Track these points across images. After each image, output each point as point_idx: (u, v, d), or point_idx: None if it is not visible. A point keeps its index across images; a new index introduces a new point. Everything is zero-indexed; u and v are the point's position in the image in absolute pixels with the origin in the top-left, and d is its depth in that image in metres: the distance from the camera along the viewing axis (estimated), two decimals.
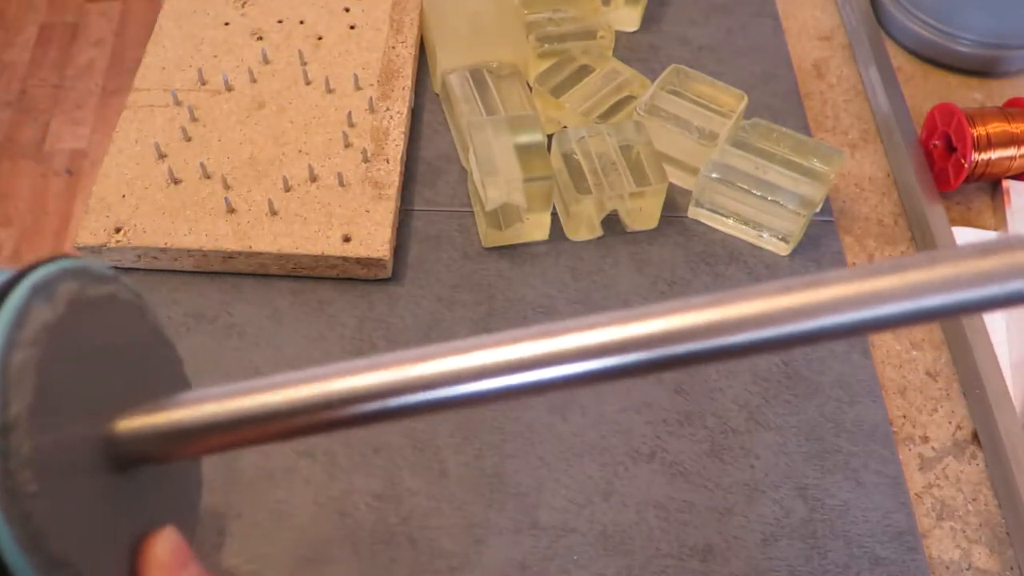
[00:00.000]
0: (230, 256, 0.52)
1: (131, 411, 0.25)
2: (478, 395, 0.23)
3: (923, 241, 0.58)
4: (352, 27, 0.63)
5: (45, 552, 0.22)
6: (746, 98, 0.58)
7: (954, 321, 0.53)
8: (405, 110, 0.58)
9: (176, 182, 0.54)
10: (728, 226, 0.57)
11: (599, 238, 0.57)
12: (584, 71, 0.60)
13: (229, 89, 0.59)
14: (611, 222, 0.56)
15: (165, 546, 0.26)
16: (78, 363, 0.24)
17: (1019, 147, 0.58)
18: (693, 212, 0.58)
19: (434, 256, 0.55)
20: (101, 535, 0.24)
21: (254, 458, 0.47)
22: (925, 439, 0.51)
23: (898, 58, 0.69)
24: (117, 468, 0.25)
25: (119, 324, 0.27)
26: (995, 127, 0.58)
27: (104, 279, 0.26)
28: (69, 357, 0.24)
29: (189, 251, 0.52)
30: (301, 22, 0.63)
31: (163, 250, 0.52)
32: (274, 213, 0.53)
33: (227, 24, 0.63)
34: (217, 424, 0.25)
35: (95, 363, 0.25)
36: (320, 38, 0.62)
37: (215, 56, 0.60)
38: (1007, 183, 0.60)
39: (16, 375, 0.22)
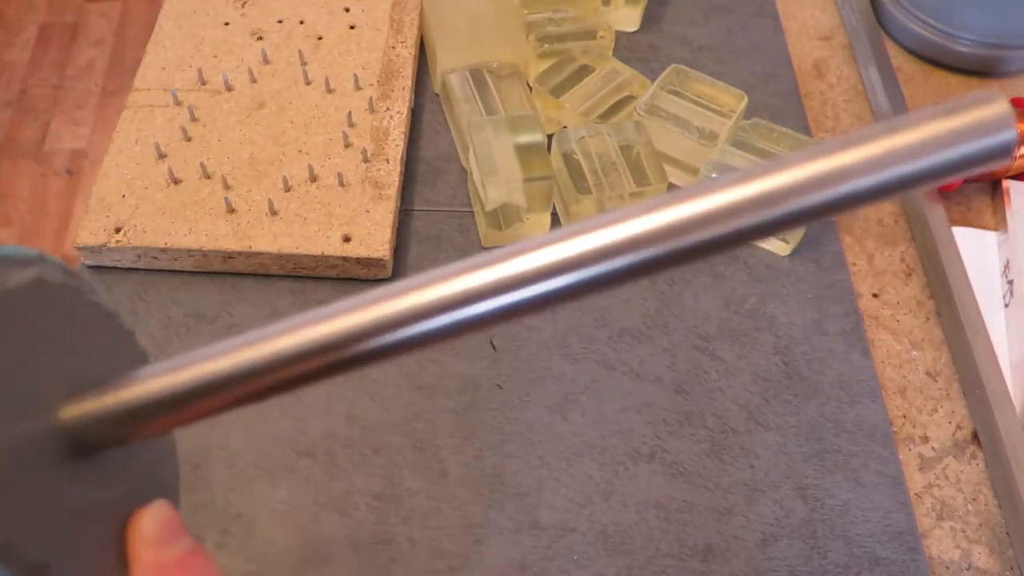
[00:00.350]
0: (230, 256, 0.52)
1: (80, 396, 0.24)
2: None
3: (923, 241, 0.58)
4: (352, 27, 0.63)
5: (22, 561, 0.21)
6: (746, 98, 0.58)
7: (954, 321, 0.53)
8: (405, 110, 0.58)
9: (176, 182, 0.54)
10: None
11: None
12: (584, 71, 0.60)
13: (229, 89, 0.59)
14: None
15: (153, 521, 0.25)
16: (9, 356, 0.23)
17: (1019, 147, 0.58)
18: None
19: (434, 256, 0.55)
20: (79, 527, 0.23)
21: (254, 458, 0.47)
22: (925, 439, 0.51)
23: (898, 58, 0.69)
24: (81, 455, 0.24)
25: (54, 308, 0.25)
26: None
27: (26, 262, 0.24)
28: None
29: (189, 251, 0.52)
30: (301, 22, 0.63)
31: (163, 250, 0.52)
32: (274, 213, 0.53)
33: (227, 24, 0.63)
34: (173, 397, 0.23)
35: (30, 353, 0.23)
36: (320, 38, 0.62)
37: (215, 56, 0.60)
38: (1007, 183, 0.60)
39: None
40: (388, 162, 0.56)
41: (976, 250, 0.58)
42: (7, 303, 0.23)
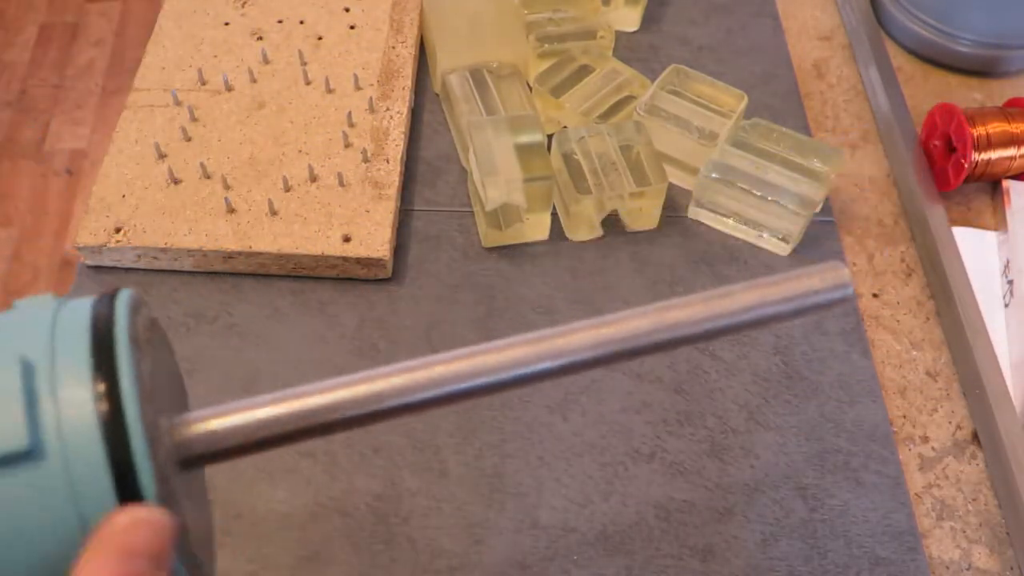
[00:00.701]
0: (230, 256, 0.52)
1: (183, 418, 0.27)
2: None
3: (923, 241, 0.58)
4: (352, 27, 0.63)
5: (187, 553, 0.25)
6: (746, 98, 0.58)
7: (954, 321, 0.53)
8: (405, 110, 0.58)
9: (176, 182, 0.54)
10: (728, 226, 0.57)
11: (599, 238, 0.57)
12: (584, 71, 0.60)
13: (229, 89, 0.59)
14: (611, 222, 0.56)
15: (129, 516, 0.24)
16: (156, 368, 0.26)
17: (1019, 147, 0.58)
18: (693, 212, 0.58)
19: (434, 256, 0.55)
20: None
21: (254, 458, 0.47)
22: (925, 439, 0.51)
23: (898, 58, 0.69)
24: (181, 466, 0.27)
25: (160, 344, 0.29)
26: (995, 127, 0.58)
27: (138, 305, 0.28)
28: (154, 362, 0.26)
29: (189, 251, 0.52)
30: (301, 22, 0.63)
31: (163, 250, 0.52)
32: (274, 213, 0.53)
33: (227, 24, 0.63)
34: (266, 427, 0.27)
35: (160, 373, 0.27)
36: (320, 38, 0.62)
37: (215, 56, 0.60)
38: (1007, 183, 0.60)
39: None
40: (388, 162, 0.56)
41: (976, 250, 0.58)
42: (147, 338, 0.26)
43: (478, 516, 0.46)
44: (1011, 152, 0.59)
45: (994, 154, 0.58)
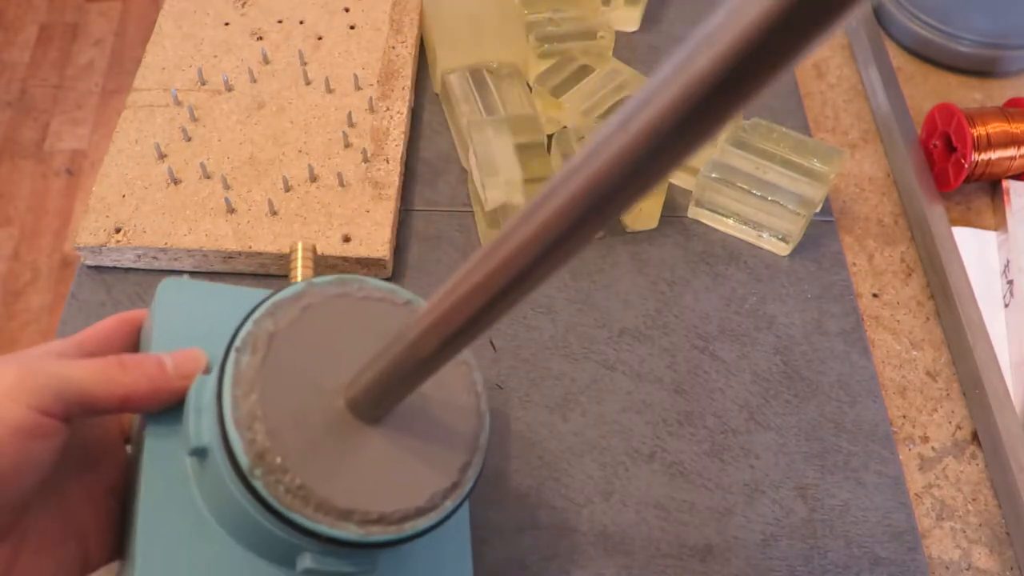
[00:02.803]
0: (230, 256, 0.52)
1: (352, 380, 0.31)
2: None
3: (923, 241, 0.58)
4: (352, 27, 0.63)
5: (355, 515, 0.30)
6: None
7: (954, 321, 0.53)
8: (405, 110, 0.58)
9: (176, 182, 0.54)
10: (728, 226, 0.57)
11: (599, 238, 0.57)
12: (584, 71, 0.60)
13: (229, 89, 0.59)
14: (611, 222, 0.56)
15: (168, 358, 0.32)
16: (304, 363, 0.31)
17: (1019, 147, 0.58)
18: (693, 212, 0.58)
19: (434, 256, 0.55)
20: (369, 479, 0.31)
21: None
22: (925, 439, 0.51)
23: (898, 58, 0.69)
24: (368, 423, 0.31)
25: (326, 319, 0.33)
26: (995, 127, 0.58)
27: (297, 297, 0.33)
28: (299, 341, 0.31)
29: (189, 251, 0.52)
30: (301, 22, 0.63)
31: (163, 250, 0.52)
32: (274, 213, 0.53)
33: (227, 24, 0.63)
34: (381, 382, 0.30)
35: (317, 357, 0.32)
36: (320, 38, 0.62)
37: (215, 56, 0.60)
38: (1007, 183, 0.60)
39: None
40: (388, 162, 0.56)
41: (976, 250, 0.58)
42: (285, 335, 0.31)
43: (478, 516, 0.46)
44: (1011, 152, 0.59)
45: (994, 154, 0.58)
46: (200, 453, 0.31)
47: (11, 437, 0.27)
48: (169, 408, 0.32)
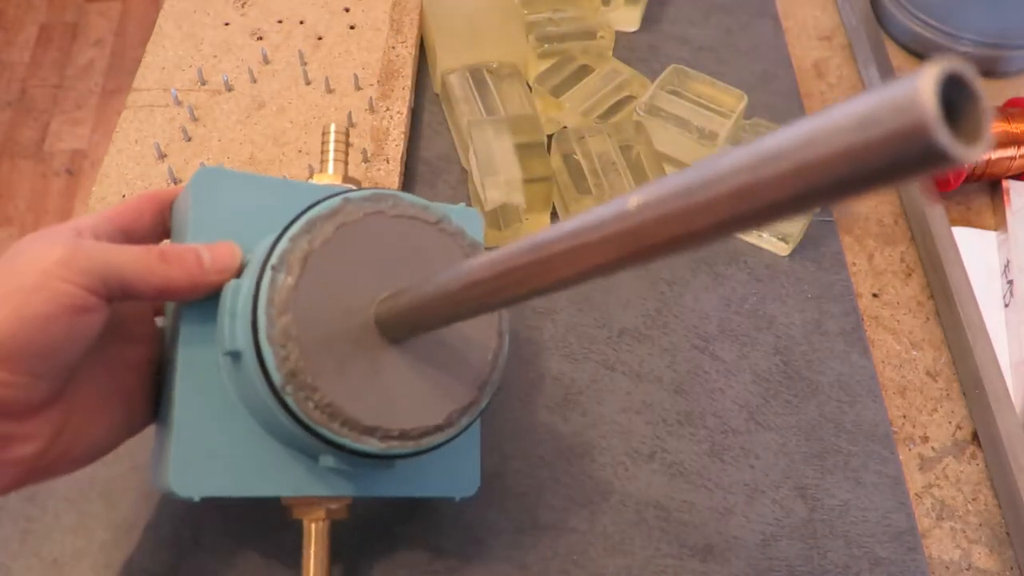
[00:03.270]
0: None
1: (384, 299, 0.33)
2: None
3: (923, 241, 0.58)
4: (352, 27, 0.63)
5: (359, 425, 0.32)
6: (746, 98, 0.58)
7: (954, 321, 0.53)
8: (405, 110, 0.58)
9: (176, 182, 0.54)
10: None
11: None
12: (584, 71, 0.60)
13: (229, 89, 0.59)
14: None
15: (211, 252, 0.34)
16: (334, 281, 0.33)
17: (1019, 147, 0.58)
18: None
19: None
20: (392, 397, 0.33)
21: None
22: (925, 439, 0.51)
23: (898, 58, 0.69)
24: (392, 342, 0.33)
25: (361, 237, 0.34)
26: (995, 127, 0.58)
27: (331, 214, 0.34)
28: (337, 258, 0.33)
29: None
30: (301, 22, 0.63)
31: None
32: None
33: (227, 24, 0.63)
34: (413, 308, 0.31)
35: (350, 274, 0.33)
36: (320, 38, 0.62)
37: (215, 56, 0.60)
38: (1007, 183, 0.60)
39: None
40: (388, 162, 0.56)
41: (976, 250, 0.58)
42: (319, 255, 0.33)
43: (478, 516, 0.46)
44: (1011, 152, 0.59)
45: (994, 154, 0.58)
46: (234, 355, 0.33)
47: (62, 311, 0.29)
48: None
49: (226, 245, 0.34)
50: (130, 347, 0.36)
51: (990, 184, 0.62)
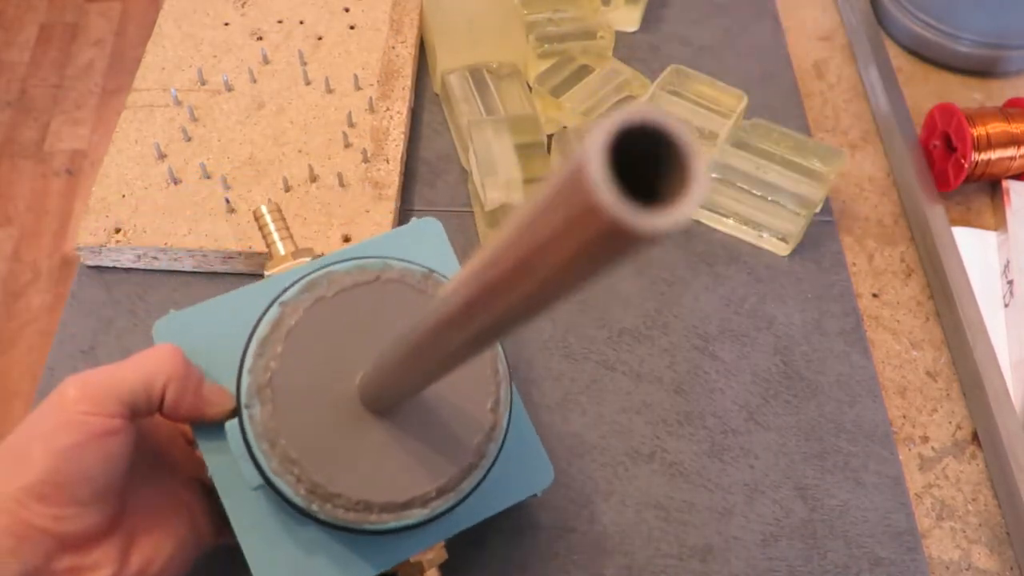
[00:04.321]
0: (230, 256, 0.52)
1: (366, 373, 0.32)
2: None
3: (923, 241, 0.58)
4: (352, 27, 0.63)
5: (342, 498, 0.32)
6: (746, 98, 0.58)
7: (954, 321, 0.53)
8: (405, 110, 0.58)
9: (176, 182, 0.54)
10: (728, 226, 0.57)
11: None
12: (584, 71, 0.60)
13: (229, 89, 0.59)
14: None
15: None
16: (337, 330, 0.33)
17: (1019, 147, 0.58)
18: (693, 212, 0.58)
19: None
20: (378, 467, 0.33)
21: None
22: (925, 439, 0.51)
23: (898, 58, 0.69)
24: (377, 414, 0.33)
25: (345, 308, 0.34)
26: (995, 127, 0.58)
27: (311, 286, 0.34)
28: (314, 335, 0.33)
29: (189, 251, 0.52)
30: (301, 22, 0.63)
31: (163, 250, 0.52)
32: None
33: (227, 24, 0.63)
34: (375, 379, 0.31)
35: (361, 333, 0.34)
36: (320, 38, 0.62)
37: (215, 56, 0.60)
38: (1007, 183, 0.60)
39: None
40: (388, 162, 0.56)
41: (976, 250, 0.58)
42: (298, 329, 0.33)
43: None
44: (1011, 152, 0.59)
45: (994, 154, 0.58)
46: (261, 488, 0.33)
47: (89, 438, 0.31)
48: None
49: (216, 391, 0.35)
50: (171, 466, 0.38)
51: (990, 184, 0.62)
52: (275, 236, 0.42)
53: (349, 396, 0.33)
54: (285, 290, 0.34)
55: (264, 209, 0.42)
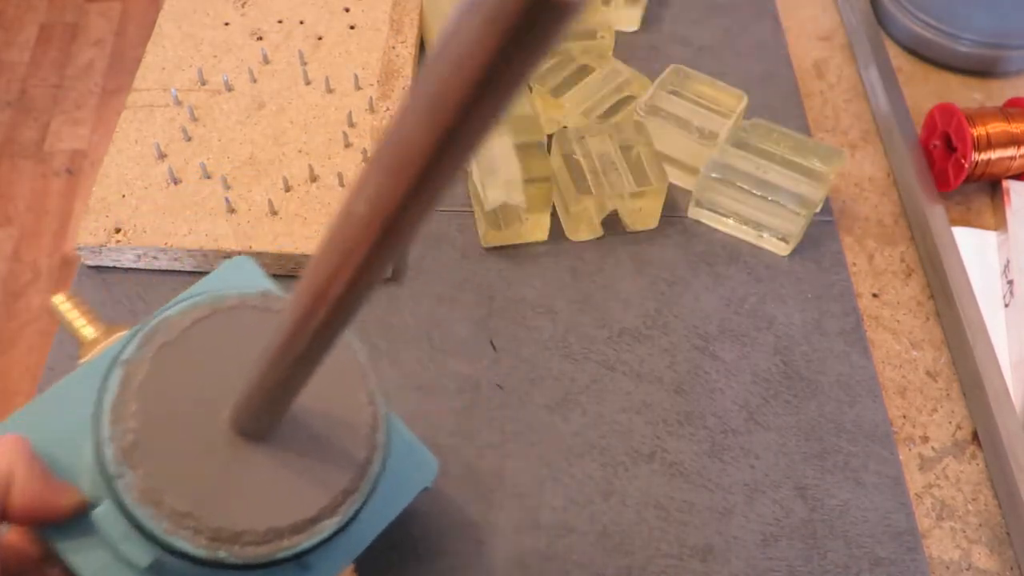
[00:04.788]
0: (230, 256, 0.52)
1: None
2: None
3: (923, 241, 0.58)
4: (352, 27, 0.63)
5: (203, 528, 0.30)
6: (746, 98, 0.58)
7: (954, 321, 0.53)
8: None
9: (176, 182, 0.54)
10: (728, 226, 0.57)
11: (599, 238, 0.57)
12: (584, 71, 0.60)
13: (229, 89, 0.59)
14: (611, 222, 0.56)
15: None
16: (191, 371, 0.32)
17: (1019, 147, 0.58)
18: (693, 212, 0.58)
19: (434, 256, 0.55)
20: (254, 498, 0.31)
21: None
22: (925, 439, 0.51)
23: (898, 58, 0.69)
24: (252, 440, 0.31)
25: (212, 339, 0.33)
26: (995, 127, 0.58)
27: (184, 313, 0.33)
28: (177, 369, 0.31)
29: (189, 251, 0.52)
30: (301, 22, 0.63)
31: (163, 250, 0.52)
32: (274, 213, 0.53)
33: (227, 24, 0.63)
34: (250, 400, 0.29)
35: (217, 367, 0.32)
36: (320, 38, 0.62)
37: (215, 56, 0.60)
38: (1007, 183, 0.60)
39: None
40: None
41: (976, 250, 0.58)
42: (149, 381, 0.31)
43: (478, 516, 0.46)
44: (1011, 152, 0.59)
45: (994, 154, 0.58)
46: (153, 565, 0.31)
47: None
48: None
49: (66, 490, 0.31)
50: None
51: (990, 184, 0.62)
52: (81, 322, 0.39)
53: (222, 431, 0.31)
54: (123, 349, 0.32)
55: (56, 301, 0.40)
